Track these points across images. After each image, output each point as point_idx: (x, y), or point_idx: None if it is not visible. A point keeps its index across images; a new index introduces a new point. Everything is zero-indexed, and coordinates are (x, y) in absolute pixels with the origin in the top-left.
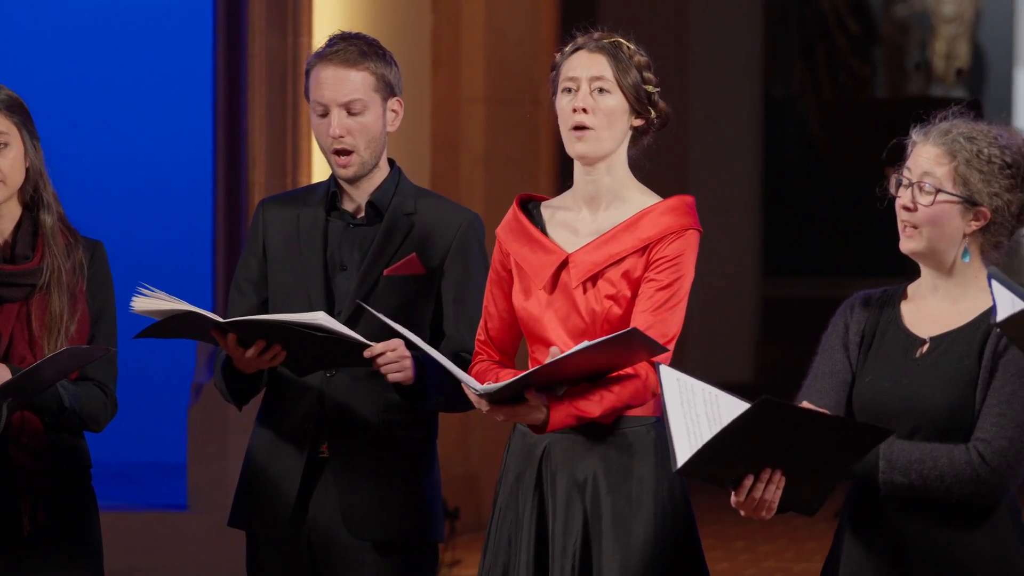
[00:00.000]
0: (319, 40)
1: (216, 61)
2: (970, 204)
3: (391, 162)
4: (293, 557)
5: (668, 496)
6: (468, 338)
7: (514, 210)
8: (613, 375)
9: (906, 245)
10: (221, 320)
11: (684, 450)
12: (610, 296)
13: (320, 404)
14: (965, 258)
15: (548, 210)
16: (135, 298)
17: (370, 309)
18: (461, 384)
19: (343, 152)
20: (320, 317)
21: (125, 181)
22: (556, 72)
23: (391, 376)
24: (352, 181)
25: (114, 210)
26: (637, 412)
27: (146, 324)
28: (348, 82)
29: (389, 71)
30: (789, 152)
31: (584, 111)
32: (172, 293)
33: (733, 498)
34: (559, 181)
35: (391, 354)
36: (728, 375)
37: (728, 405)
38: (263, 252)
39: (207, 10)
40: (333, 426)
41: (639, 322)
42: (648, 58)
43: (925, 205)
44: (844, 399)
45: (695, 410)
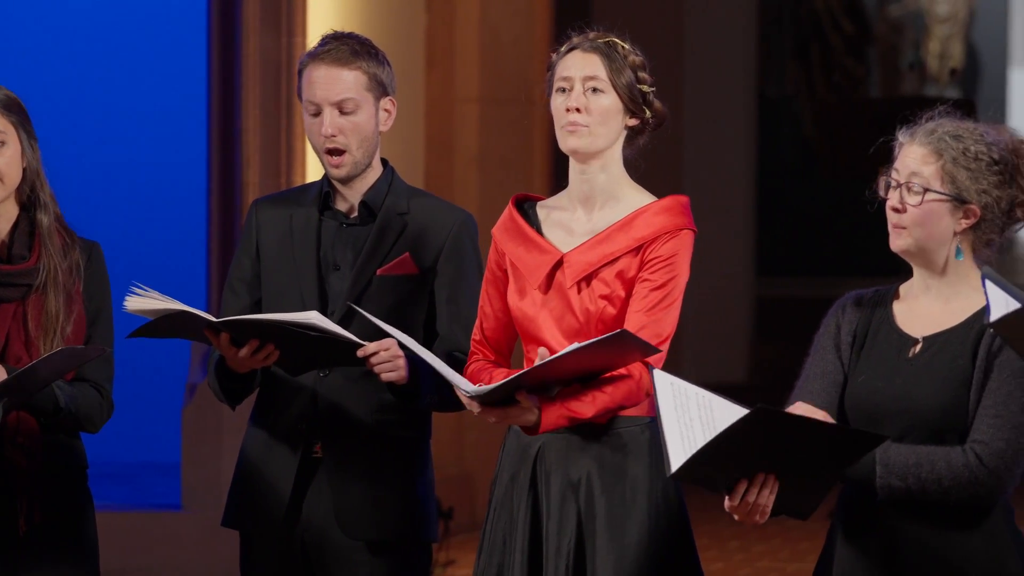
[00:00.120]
0: (313, 40)
1: (210, 61)
2: (959, 202)
3: (384, 162)
4: (287, 557)
5: (662, 496)
6: (462, 338)
7: (510, 210)
8: (606, 376)
9: (896, 243)
10: (214, 319)
11: (678, 454)
12: (604, 296)
13: (313, 404)
14: (959, 256)
15: (544, 210)
16: (128, 297)
17: (360, 310)
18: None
19: (336, 152)
20: (313, 316)
21: (119, 181)
22: (551, 72)
23: (384, 376)
24: (345, 181)
25: (108, 209)
26: (631, 412)
27: (140, 324)
28: (340, 81)
29: (381, 70)
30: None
31: (577, 111)
32: (166, 293)
33: (727, 503)
34: (553, 181)
35: (384, 353)
36: (722, 375)
37: (722, 409)
38: (256, 252)
39: (201, 10)
40: (326, 426)
41: (633, 322)
42: (644, 58)
43: (914, 205)
44: (836, 400)
45: (689, 414)
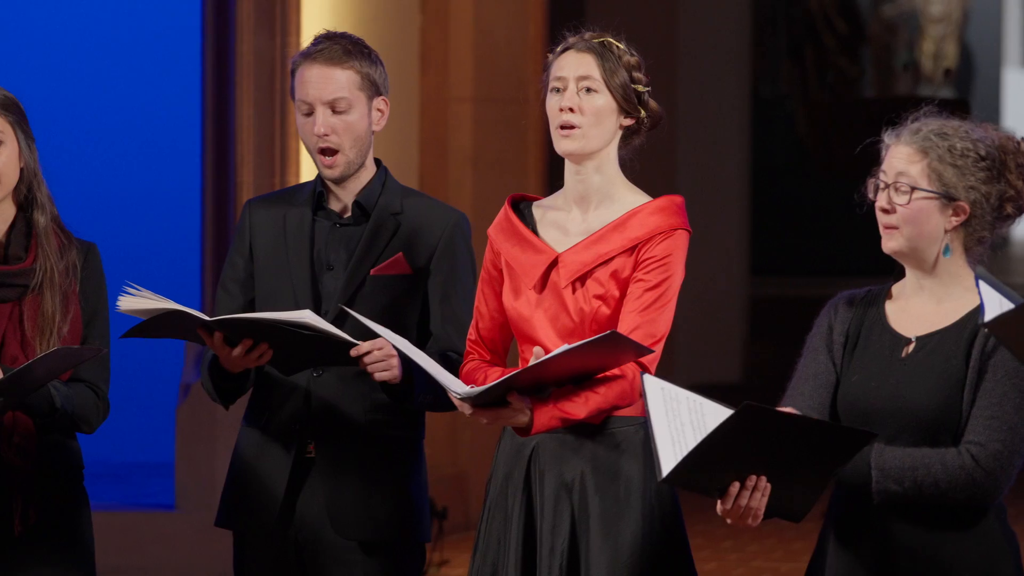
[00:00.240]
0: (307, 40)
1: (204, 61)
2: (947, 199)
3: (378, 162)
4: (280, 557)
5: (656, 496)
6: (455, 337)
7: (505, 210)
8: (599, 376)
9: (887, 244)
10: (207, 319)
11: (669, 459)
12: (598, 296)
13: (307, 403)
14: (947, 254)
15: (539, 210)
16: (121, 297)
17: (352, 312)
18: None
19: (328, 152)
20: (307, 315)
21: (113, 181)
22: (547, 72)
23: (378, 375)
24: (338, 181)
25: (102, 209)
26: (626, 412)
27: (134, 324)
28: (333, 80)
29: (374, 70)
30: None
31: (571, 110)
32: (160, 292)
33: (719, 507)
34: (547, 181)
35: (378, 353)
36: (716, 375)
37: (713, 413)
38: (250, 252)
39: (195, 10)
40: (320, 426)
41: (627, 322)
42: (639, 58)
43: (902, 205)
44: (828, 401)
45: (680, 419)
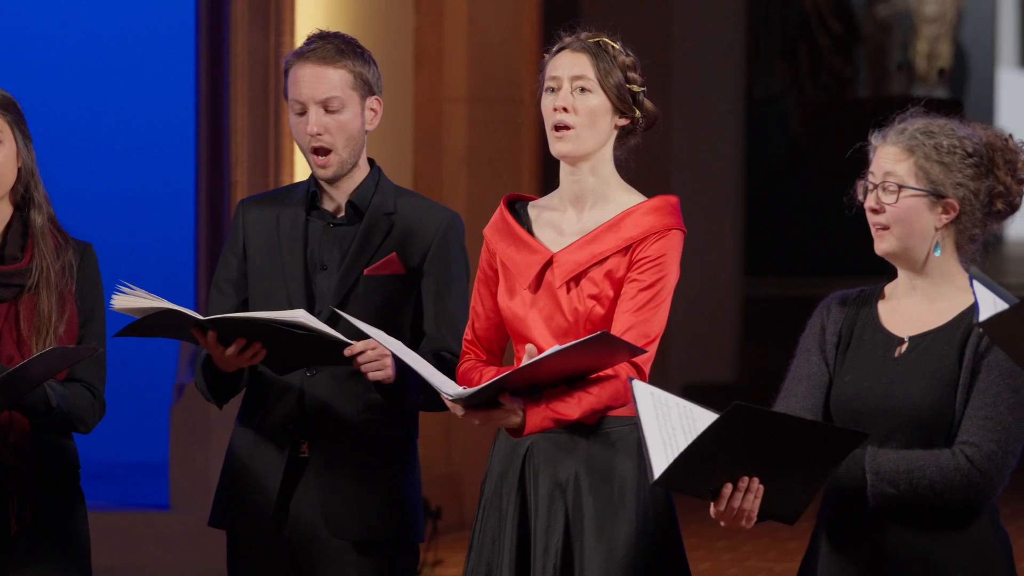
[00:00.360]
0: (301, 39)
1: (198, 60)
2: (936, 197)
3: (371, 161)
4: (274, 557)
5: (650, 496)
6: (449, 337)
7: (501, 210)
8: (592, 376)
9: (880, 246)
10: (201, 318)
11: (661, 461)
12: (593, 296)
13: (300, 403)
14: (937, 251)
15: (535, 210)
16: (115, 296)
17: (343, 314)
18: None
19: (322, 151)
20: (300, 315)
21: (107, 180)
22: (542, 72)
23: (371, 375)
24: (332, 181)
25: (96, 209)
26: (620, 412)
27: (128, 324)
28: (325, 80)
29: (367, 69)
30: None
31: (565, 110)
32: (154, 292)
33: (712, 509)
34: (542, 181)
35: (371, 352)
36: (710, 375)
37: (703, 418)
38: (243, 252)
39: (189, 9)
40: (313, 425)
41: (621, 322)
42: (635, 58)
43: (890, 204)
44: (821, 402)
45: (671, 423)
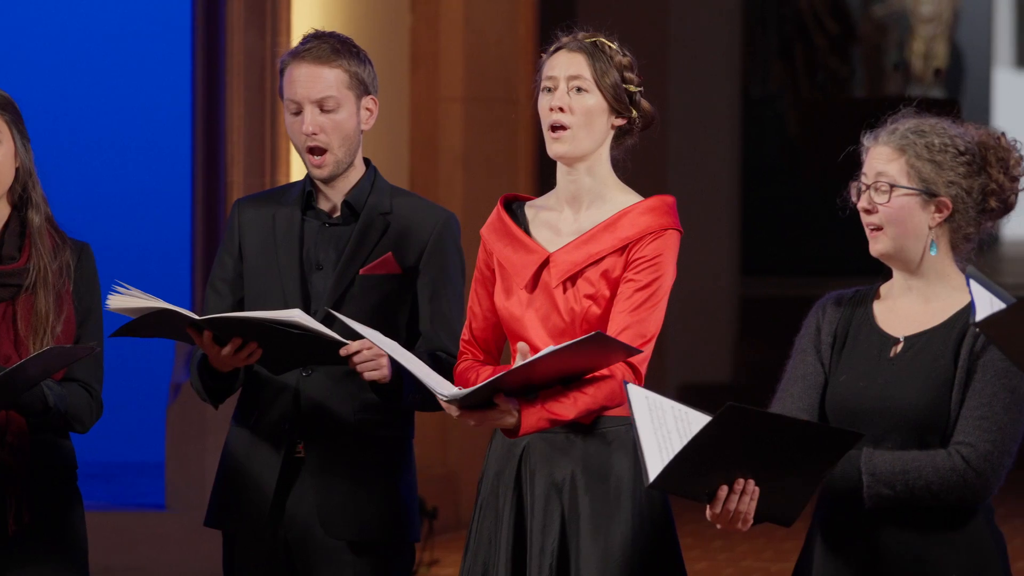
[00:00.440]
0: (298, 40)
1: (195, 60)
2: (928, 196)
3: (367, 161)
4: (270, 557)
5: (646, 496)
6: (444, 337)
7: (498, 210)
8: (588, 377)
9: (875, 248)
10: (197, 317)
11: (656, 464)
12: (589, 296)
13: (296, 403)
14: (932, 250)
15: (532, 210)
16: (110, 296)
17: (337, 315)
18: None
19: (317, 151)
20: (296, 314)
21: (103, 180)
22: (539, 72)
23: (367, 374)
24: (327, 180)
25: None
26: (616, 412)
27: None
28: (321, 79)
29: (363, 69)
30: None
31: (561, 110)
32: (150, 292)
33: (708, 512)
34: (538, 181)
35: (367, 352)
36: (706, 375)
37: (698, 422)
38: (239, 252)
39: (185, 9)
40: (309, 425)
41: (617, 322)
42: (632, 58)
43: (882, 204)
44: (816, 403)
45: (666, 427)
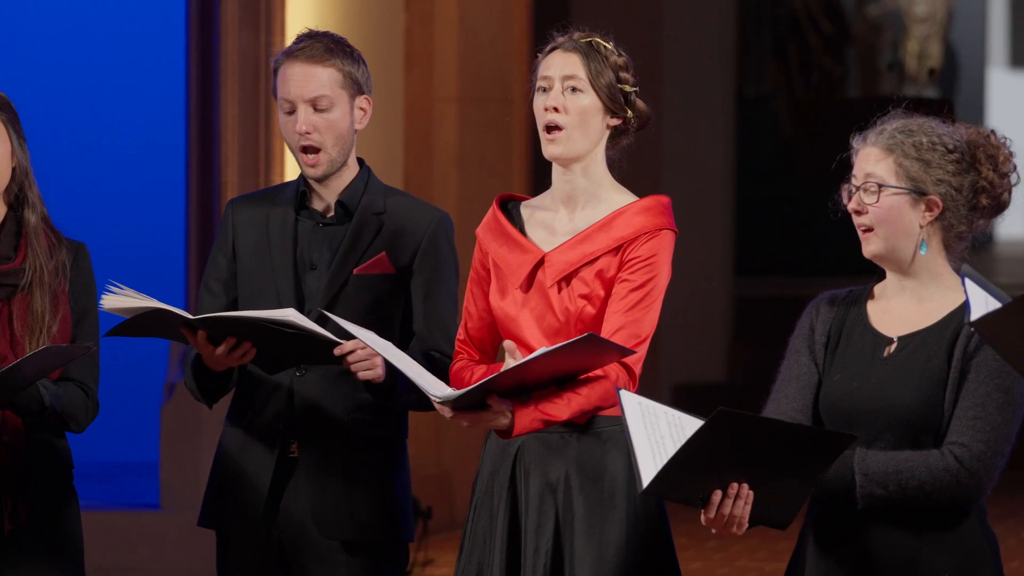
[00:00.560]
0: (292, 39)
1: (189, 60)
2: (917, 194)
3: (360, 161)
4: (264, 557)
5: (641, 496)
6: (438, 336)
7: (493, 210)
8: (582, 377)
9: (867, 249)
10: (191, 317)
11: (649, 469)
12: (584, 296)
13: (290, 403)
14: (923, 249)
15: (527, 210)
16: (105, 295)
17: (332, 316)
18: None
19: (310, 150)
20: (290, 314)
21: (97, 180)
22: (534, 72)
23: (361, 374)
24: (321, 180)
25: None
26: (610, 412)
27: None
28: (314, 78)
29: (356, 69)
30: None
31: (556, 110)
32: (144, 291)
33: (703, 516)
34: (532, 181)
35: (361, 352)
36: (701, 375)
37: (692, 426)
38: (232, 252)
39: (180, 9)
40: (303, 425)
41: (611, 322)
42: (627, 58)
43: (872, 204)
44: (810, 403)
45: (659, 432)
